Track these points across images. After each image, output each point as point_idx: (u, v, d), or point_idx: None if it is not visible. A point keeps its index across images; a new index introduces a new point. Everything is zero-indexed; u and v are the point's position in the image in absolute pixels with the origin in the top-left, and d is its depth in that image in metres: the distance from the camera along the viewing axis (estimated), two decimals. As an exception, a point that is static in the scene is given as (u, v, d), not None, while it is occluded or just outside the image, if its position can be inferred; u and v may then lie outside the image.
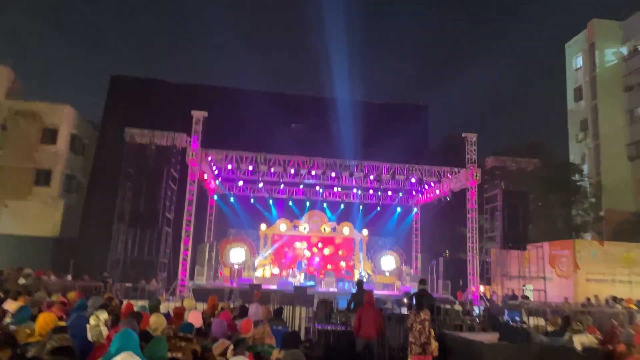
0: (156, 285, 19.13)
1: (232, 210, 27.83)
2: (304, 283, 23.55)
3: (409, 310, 8.86)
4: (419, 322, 8.40)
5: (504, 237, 21.65)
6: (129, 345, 3.87)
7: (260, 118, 27.33)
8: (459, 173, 23.09)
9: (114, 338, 3.93)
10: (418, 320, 8.42)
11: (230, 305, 10.57)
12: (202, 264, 22.94)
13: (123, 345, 3.83)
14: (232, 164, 22.00)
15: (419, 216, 28.87)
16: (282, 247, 28.17)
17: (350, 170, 22.59)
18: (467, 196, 22.83)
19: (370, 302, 8.66)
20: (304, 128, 29.94)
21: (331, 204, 28.78)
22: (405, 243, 29.02)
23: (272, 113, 28.05)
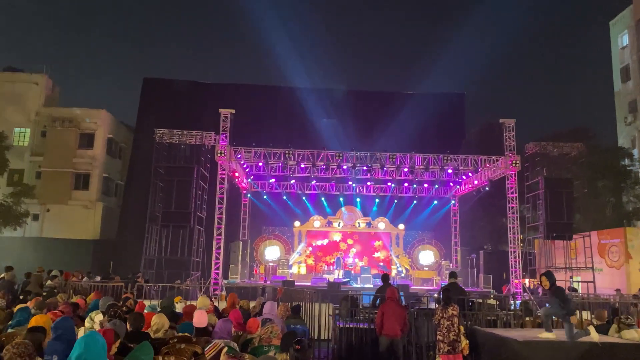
0: (190, 284, 19.09)
1: (266, 207, 27.69)
2: (340, 279, 23.09)
3: (437, 306, 8.20)
4: (446, 318, 7.75)
5: (547, 226, 20.55)
6: (92, 352, 3.44)
7: (290, 114, 27.10)
8: (497, 161, 22.12)
9: (76, 343, 3.52)
10: (445, 316, 7.76)
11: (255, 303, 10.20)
12: (235, 262, 22.86)
13: (84, 353, 3.41)
14: (261, 161, 21.81)
15: (457, 208, 27.87)
16: (315, 247, 27.75)
17: (382, 163, 21.98)
18: (507, 185, 21.89)
19: (392, 298, 8.06)
20: (335, 123, 29.46)
21: (366, 199, 28.17)
22: (444, 236, 28.11)
23: (303, 108, 27.78)
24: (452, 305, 7.87)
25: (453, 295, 8.61)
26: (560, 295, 7.28)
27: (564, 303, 7.20)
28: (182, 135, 20.22)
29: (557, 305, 7.19)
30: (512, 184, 21.87)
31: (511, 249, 21.36)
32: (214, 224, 20.34)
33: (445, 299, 7.96)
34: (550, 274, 7.70)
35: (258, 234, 27.86)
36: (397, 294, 8.61)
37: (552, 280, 7.46)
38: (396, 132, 27.64)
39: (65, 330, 4.71)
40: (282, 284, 18.98)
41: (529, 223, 22.23)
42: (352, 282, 23.55)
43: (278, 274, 23.77)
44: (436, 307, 8.15)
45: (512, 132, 21.79)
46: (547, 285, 7.43)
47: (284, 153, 21.39)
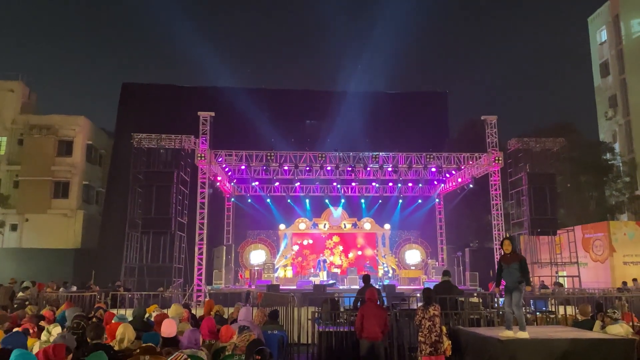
0: (172, 292, 18.74)
1: (250, 211, 27.37)
2: (326, 281, 22.85)
3: (418, 306, 7.98)
4: (427, 318, 7.53)
5: (531, 222, 20.51)
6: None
7: (271, 116, 26.83)
8: (480, 159, 22.15)
9: None
10: (427, 316, 7.55)
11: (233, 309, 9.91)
12: (219, 268, 22.53)
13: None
14: (243, 164, 21.56)
15: (442, 207, 27.87)
16: (302, 246, 27.51)
17: (365, 162, 21.85)
18: (491, 182, 21.99)
19: (372, 299, 7.81)
20: (318, 124, 29.27)
21: (351, 200, 28.00)
22: (430, 235, 28.06)
23: (285, 110, 27.54)
24: (433, 305, 7.66)
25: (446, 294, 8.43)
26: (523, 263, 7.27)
27: (522, 271, 7.19)
28: (161, 140, 19.87)
29: (516, 272, 7.17)
30: (495, 181, 21.87)
31: (496, 246, 21.28)
32: (196, 229, 20.06)
33: (425, 298, 7.76)
34: (513, 239, 7.72)
35: (243, 238, 27.56)
36: (378, 295, 8.36)
37: (515, 246, 7.46)
38: (379, 132, 27.51)
39: (15, 346, 4.37)
40: (267, 288, 18.69)
41: (514, 219, 22.17)
42: (338, 284, 23.32)
43: (263, 278, 23.45)
44: (417, 307, 7.93)
45: (495, 128, 21.82)
46: (509, 249, 7.40)
47: (265, 155, 21.19)
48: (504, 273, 7.49)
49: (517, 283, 7.26)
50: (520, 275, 7.21)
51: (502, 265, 7.54)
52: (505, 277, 7.48)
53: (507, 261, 7.48)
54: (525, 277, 7.23)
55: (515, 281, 7.25)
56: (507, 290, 7.49)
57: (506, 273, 7.48)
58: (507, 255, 7.56)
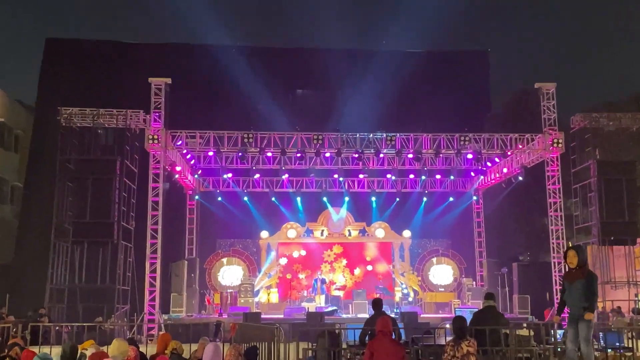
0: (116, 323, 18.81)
1: (221, 213, 27.46)
2: (324, 308, 22.97)
3: (447, 341, 8.03)
4: (459, 357, 7.58)
5: (602, 228, 20.74)
6: None
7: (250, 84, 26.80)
8: (533, 141, 22.23)
9: None
10: (459, 354, 7.60)
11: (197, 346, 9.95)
12: (179, 290, 22.69)
13: None
14: (211, 149, 21.59)
15: (481, 207, 27.95)
16: (291, 260, 27.62)
17: (378, 147, 21.89)
18: (547, 173, 22.06)
19: (385, 332, 7.83)
20: (313, 94, 29.32)
21: (358, 198, 28.11)
22: (465, 245, 28.22)
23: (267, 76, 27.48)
24: (467, 340, 7.69)
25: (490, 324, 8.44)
26: (590, 280, 7.30)
27: (590, 293, 7.23)
28: (99, 116, 19.93)
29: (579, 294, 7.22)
30: (553, 172, 21.93)
31: (555, 259, 21.38)
32: (147, 238, 20.08)
33: (457, 330, 7.78)
34: (581, 248, 7.74)
35: (211, 250, 27.63)
36: (393, 325, 8.39)
37: (583, 257, 7.48)
38: (396, 106, 27.52)
39: None
40: (244, 318, 18.78)
41: (578, 223, 22.28)
42: (340, 311, 23.39)
43: (239, 304, 23.54)
44: (446, 342, 7.98)
45: (553, 100, 21.87)
46: (574, 262, 7.43)
47: (241, 137, 21.17)
48: (566, 295, 7.53)
49: (582, 309, 7.30)
50: (587, 298, 7.25)
51: (564, 284, 7.59)
52: (568, 300, 7.53)
53: (570, 279, 7.52)
54: (589, 300, 7.27)
55: (579, 306, 7.30)
56: (571, 319, 7.54)
57: (568, 295, 7.53)
58: (571, 271, 7.60)
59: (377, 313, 9.76)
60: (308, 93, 29.65)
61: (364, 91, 28.18)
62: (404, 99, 28.10)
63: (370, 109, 27.01)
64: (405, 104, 27.94)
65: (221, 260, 27.40)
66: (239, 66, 27.70)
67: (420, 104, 28.02)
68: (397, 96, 27.96)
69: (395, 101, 27.72)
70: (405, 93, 28.42)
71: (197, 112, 25.65)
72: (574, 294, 7.33)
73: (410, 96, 28.50)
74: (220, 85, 27.20)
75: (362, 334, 9.94)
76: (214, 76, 27.51)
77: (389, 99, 27.58)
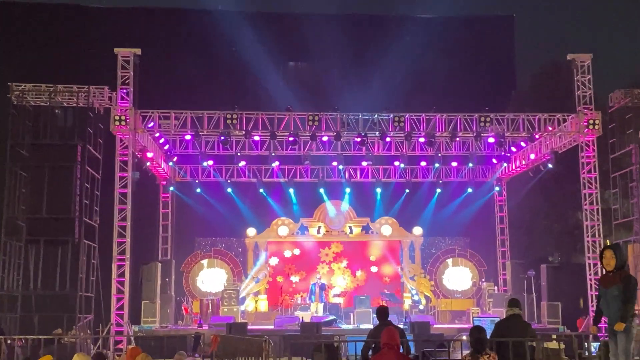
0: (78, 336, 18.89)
1: (200, 207, 27.48)
2: (321, 318, 23.07)
3: (463, 356, 8.09)
4: (477, 374, 7.63)
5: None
6: None
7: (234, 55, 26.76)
8: (565, 122, 22.25)
9: None
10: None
11: None
12: (151, 297, 22.65)
13: None
14: (189, 131, 21.57)
15: (504, 199, 28.02)
16: (283, 260, 27.72)
17: (384, 129, 21.90)
18: (581, 159, 22.01)
19: (391, 344, 7.85)
20: (308, 67, 29.29)
21: (360, 189, 28.14)
22: (485, 245, 28.34)
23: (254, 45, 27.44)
24: (487, 354, 7.75)
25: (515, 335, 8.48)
26: (627, 285, 7.36)
27: (625, 299, 7.30)
28: (56, 93, 19.94)
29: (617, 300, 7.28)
30: (589, 158, 21.92)
31: (590, 261, 21.46)
32: (114, 237, 20.07)
33: (474, 342, 7.83)
34: (620, 247, 7.78)
35: (189, 251, 27.71)
36: (400, 337, 8.44)
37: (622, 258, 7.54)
38: (406, 81, 27.45)
39: None
40: (227, 329, 18.88)
41: (617, 219, 22.35)
42: (340, 321, 23.46)
43: (222, 314, 23.64)
44: (462, 356, 8.04)
45: (589, 74, 21.84)
46: (612, 265, 7.48)
47: (224, 117, 21.13)
48: (602, 302, 7.58)
49: (619, 319, 7.36)
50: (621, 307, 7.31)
51: (600, 290, 7.64)
52: (604, 308, 7.59)
53: (606, 284, 7.57)
54: (625, 307, 7.33)
55: (616, 316, 7.36)
56: (610, 330, 7.58)
57: (604, 302, 7.59)
58: (607, 275, 7.65)
59: (383, 323, 9.76)
60: (302, 66, 29.62)
61: (368, 64, 28.17)
62: (415, 74, 28.01)
63: (375, 85, 26.98)
64: (416, 79, 27.85)
65: (201, 262, 27.41)
66: (221, 34, 27.64)
67: (433, 79, 28.01)
68: (407, 70, 27.88)
69: (404, 76, 27.60)
70: (416, 66, 28.36)
71: (171, 89, 25.60)
72: (611, 302, 7.39)
73: (423, 70, 28.42)
74: (199, 56, 27.10)
75: (365, 347, 9.95)
76: (191, 46, 27.39)
77: (397, 73, 27.46)
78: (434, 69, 28.70)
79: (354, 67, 28.12)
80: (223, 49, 27.25)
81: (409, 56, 28.20)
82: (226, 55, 27.17)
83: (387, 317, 10.08)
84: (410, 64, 28.11)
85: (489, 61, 30.47)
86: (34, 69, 23.58)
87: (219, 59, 27.05)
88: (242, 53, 27.13)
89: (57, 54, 26.49)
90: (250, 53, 27.52)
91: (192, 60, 26.93)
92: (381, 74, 27.51)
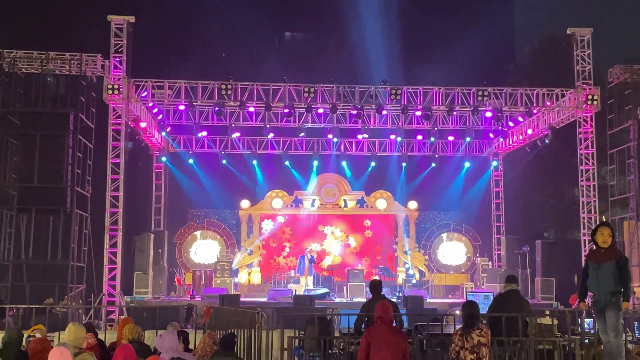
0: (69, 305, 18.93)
1: (193, 179, 27.42)
2: (314, 291, 23.15)
3: (455, 329, 8.12)
4: (469, 348, 7.65)
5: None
6: None
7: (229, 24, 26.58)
8: (564, 97, 22.24)
9: None
10: (468, 345, 7.67)
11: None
12: (144, 268, 22.68)
13: None
14: (182, 102, 21.50)
15: (500, 174, 28.03)
16: (277, 235, 27.75)
17: (380, 102, 21.86)
18: (579, 135, 22.05)
19: (384, 318, 7.88)
20: (303, 38, 29.16)
21: (355, 162, 28.10)
22: (481, 220, 28.34)
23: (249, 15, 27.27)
24: (478, 329, 7.77)
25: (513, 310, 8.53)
26: (625, 263, 7.41)
27: (625, 277, 7.35)
28: (48, 60, 19.86)
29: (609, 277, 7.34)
30: (587, 134, 21.94)
31: (585, 237, 21.51)
32: (106, 207, 20.10)
33: (467, 317, 7.84)
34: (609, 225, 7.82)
35: (182, 223, 27.73)
36: (394, 311, 8.47)
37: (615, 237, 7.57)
38: (403, 53, 27.35)
39: None
40: (220, 301, 18.93)
41: (614, 195, 22.42)
42: (334, 295, 23.59)
43: (215, 285, 23.71)
44: (454, 331, 8.07)
45: (588, 49, 21.80)
46: (609, 242, 7.51)
47: (218, 87, 21.05)
48: (590, 279, 7.61)
49: (610, 295, 7.39)
50: (616, 283, 7.35)
51: (589, 265, 7.65)
52: (593, 285, 7.62)
53: (598, 259, 7.59)
54: (624, 286, 7.36)
55: (607, 292, 7.39)
56: (597, 306, 7.63)
57: (593, 278, 7.61)
58: (599, 251, 7.66)
59: (376, 297, 9.82)
60: (298, 36, 29.48)
61: (365, 35, 27.98)
62: (412, 46, 27.94)
63: (371, 57, 26.87)
64: (413, 51, 27.78)
65: (194, 233, 27.45)
66: (217, 3, 27.41)
67: (431, 52, 27.87)
68: (404, 42, 27.82)
69: (401, 48, 27.51)
70: (413, 38, 28.30)
71: (165, 58, 25.46)
72: (603, 278, 7.41)
73: (420, 42, 28.38)
74: (194, 25, 26.93)
75: (358, 320, 10.04)
76: (186, 14, 27.21)
77: (394, 45, 27.40)
78: (432, 41, 28.66)
79: (350, 38, 27.94)
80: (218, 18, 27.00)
81: (407, 27, 28.08)
82: (221, 24, 26.95)
83: (381, 291, 10.14)
84: (408, 35, 28.03)
85: (487, 33, 30.26)
86: (26, 36, 23.45)
87: (214, 28, 26.85)
88: (238, 22, 26.92)
89: (50, 21, 26.33)
90: (246, 23, 27.34)
91: (187, 28, 26.79)
92: (378, 45, 27.36)
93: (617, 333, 7.42)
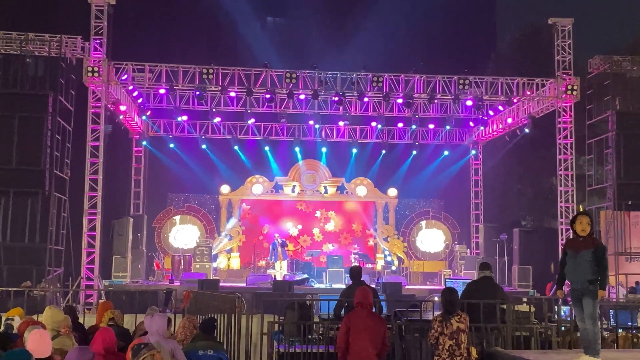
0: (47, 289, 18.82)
1: (173, 163, 27.35)
2: (294, 276, 23.21)
3: (434, 316, 8.18)
4: (448, 334, 7.73)
5: (619, 190, 21.00)
6: None
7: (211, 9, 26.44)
8: (544, 87, 22.37)
9: None
10: (447, 331, 7.75)
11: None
12: (123, 252, 22.73)
13: None
14: (163, 85, 21.40)
15: (480, 162, 28.20)
16: (256, 220, 27.78)
17: (361, 89, 21.88)
18: (558, 125, 22.20)
19: (364, 304, 7.94)
20: (286, 23, 29.06)
21: (336, 149, 28.18)
22: (459, 207, 28.60)
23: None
24: (457, 315, 7.84)
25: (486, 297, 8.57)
26: (602, 252, 7.48)
27: (602, 267, 7.44)
28: (27, 41, 19.59)
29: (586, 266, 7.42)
30: (566, 124, 22.11)
31: (562, 226, 21.72)
32: (85, 190, 20.02)
33: (446, 304, 7.91)
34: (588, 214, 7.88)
35: (161, 207, 27.71)
36: (373, 297, 8.53)
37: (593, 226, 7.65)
38: (385, 40, 27.31)
39: None
40: (199, 285, 18.93)
41: (591, 185, 22.57)
42: (313, 280, 23.69)
43: (194, 270, 23.73)
44: (433, 318, 8.13)
45: (569, 39, 21.91)
46: (587, 231, 7.59)
47: (200, 72, 20.99)
48: (568, 266, 7.67)
49: (587, 283, 7.46)
50: (593, 271, 7.41)
51: (567, 253, 7.71)
52: (570, 273, 7.68)
53: (576, 247, 7.65)
54: (600, 275, 7.43)
55: (584, 280, 7.46)
56: (574, 293, 7.70)
57: (571, 266, 7.67)
58: (577, 239, 7.71)
59: (356, 283, 9.88)
60: (281, 22, 29.33)
61: (347, 23, 28.02)
62: (394, 34, 27.88)
63: (353, 44, 26.83)
64: (395, 39, 27.72)
65: (173, 218, 27.44)
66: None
67: (412, 40, 27.85)
68: (386, 30, 27.75)
69: (383, 35, 27.47)
70: (395, 26, 28.24)
71: (146, 41, 25.25)
72: (580, 266, 7.47)
73: (401, 30, 28.30)
74: (176, 8, 26.72)
75: (338, 306, 10.07)
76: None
77: (376, 33, 27.32)
78: (413, 29, 28.57)
79: (333, 25, 27.94)
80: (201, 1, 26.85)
81: (389, 16, 28.05)
82: (203, 8, 26.77)
83: (360, 277, 10.21)
84: (390, 23, 27.99)
85: (468, 21, 30.42)
86: (4, 17, 23.04)
87: (196, 12, 26.68)
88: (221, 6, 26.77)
89: (29, 1, 25.94)
90: (229, 7, 27.18)
91: (168, 11, 26.57)
92: (360, 32, 27.39)
93: (594, 321, 7.49)
